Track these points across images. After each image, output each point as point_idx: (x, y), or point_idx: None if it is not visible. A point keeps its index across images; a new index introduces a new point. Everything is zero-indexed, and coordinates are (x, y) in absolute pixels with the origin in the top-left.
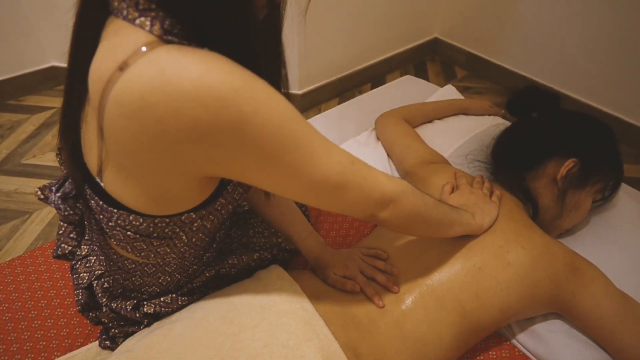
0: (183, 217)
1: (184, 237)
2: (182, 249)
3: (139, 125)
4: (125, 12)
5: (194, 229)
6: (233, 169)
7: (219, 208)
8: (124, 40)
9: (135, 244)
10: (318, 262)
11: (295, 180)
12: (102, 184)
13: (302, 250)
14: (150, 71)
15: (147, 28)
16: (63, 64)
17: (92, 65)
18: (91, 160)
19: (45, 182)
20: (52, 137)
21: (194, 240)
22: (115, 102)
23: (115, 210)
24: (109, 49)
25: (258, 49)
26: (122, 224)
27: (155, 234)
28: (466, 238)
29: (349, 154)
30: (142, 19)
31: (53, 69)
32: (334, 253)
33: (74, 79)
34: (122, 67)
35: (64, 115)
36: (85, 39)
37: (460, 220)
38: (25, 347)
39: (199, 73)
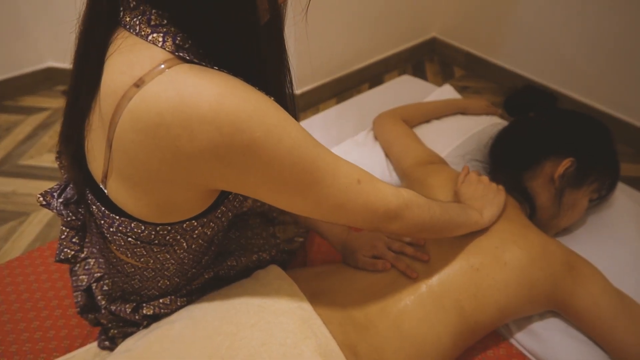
0: (184, 225)
1: (184, 244)
2: (181, 255)
3: (153, 140)
4: (137, 28)
5: (195, 236)
6: (241, 186)
7: (220, 216)
8: (139, 57)
9: (135, 249)
10: (345, 248)
11: (301, 200)
12: (105, 191)
13: (330, 239)
14: (168, 91)
15: (160, 44)
16: (60, 65)
17: (105, 79)
18: (96, 167)
19: (42, 183)
20: (49, 138)
21: (193, 246)
22: (130, 117)
23: (117, 217)
24: (124, 64)
25: (263, 53)
26: (124, 230)
27: (156, 241)
28: (464, 238)
29: (357, 171)
30: (155, 35)
31: (50, 69)
32: (359, 236)
33: (80, 88)
34: (139, 84)
35: (67, 121)
36: (93, 49)
37: (468, 221)
38: (24, 348)
39: (215, 97)
